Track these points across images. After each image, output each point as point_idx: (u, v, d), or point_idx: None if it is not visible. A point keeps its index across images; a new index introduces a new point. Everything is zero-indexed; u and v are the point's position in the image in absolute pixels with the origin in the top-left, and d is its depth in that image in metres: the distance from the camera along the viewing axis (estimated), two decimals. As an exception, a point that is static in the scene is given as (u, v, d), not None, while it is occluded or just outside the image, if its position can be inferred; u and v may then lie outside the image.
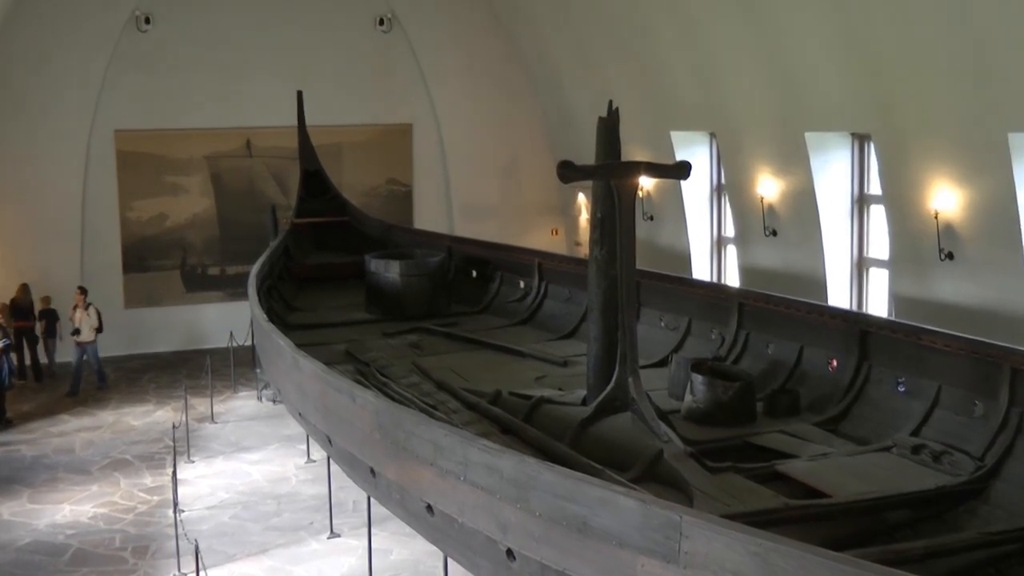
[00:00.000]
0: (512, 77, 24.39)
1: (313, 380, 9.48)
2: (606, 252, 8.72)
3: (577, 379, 10.32)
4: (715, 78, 16.63)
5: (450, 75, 24.09)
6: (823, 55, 13.84)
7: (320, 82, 22.29)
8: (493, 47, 24.26)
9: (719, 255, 19.04)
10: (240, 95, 22.67)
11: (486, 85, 24.29)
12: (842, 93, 13.87)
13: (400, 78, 23.91)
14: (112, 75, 21.99)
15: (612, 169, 8.54)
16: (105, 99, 22.01)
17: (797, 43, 14.30)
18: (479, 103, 24.28)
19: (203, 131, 22.77)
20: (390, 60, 23.85)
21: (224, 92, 22.61)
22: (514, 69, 24.34)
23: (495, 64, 24.28)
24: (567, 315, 13.55)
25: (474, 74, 24.22)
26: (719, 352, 10.73)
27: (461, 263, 16.06)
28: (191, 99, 22.47)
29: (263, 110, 22.60)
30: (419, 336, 13.28)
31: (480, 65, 24.21)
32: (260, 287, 13.68)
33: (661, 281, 12.11)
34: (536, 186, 24.68)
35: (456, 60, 24.07)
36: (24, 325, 20.52)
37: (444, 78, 24.08)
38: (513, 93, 24.44)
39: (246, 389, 19.61)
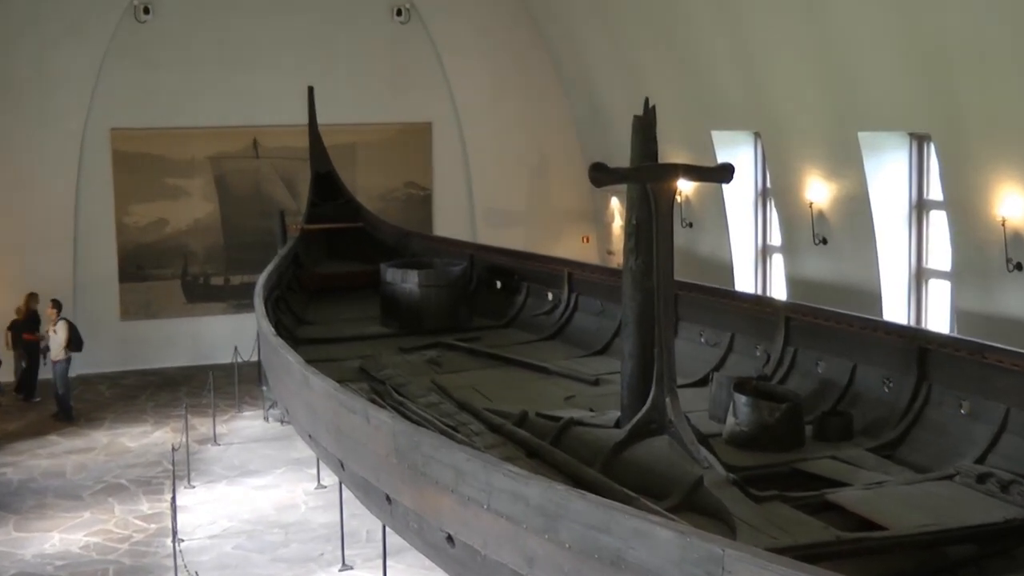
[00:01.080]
0: (540, 72, 24.43)
1: (324, 399, 9.50)
2: (642, 262, 8.71)
3: (610, 399, 10.31)
4: (761, 73, 16.61)
5: (473, 70, 24.15)
6: (879, 47, 13.80)
7: (333, 77, 22.40)
8: (520, 39, 24.30)
9: (764, 265, 18.98)
10: (246, 91, 22.79)
11: (512, 81, 24.33)
12: (900, 89, 13.82)
13: (419, 73, 23.98)
14: (108, 69, 22.16)
15: (648, 172, 8.53)
16: (100, 95, 22.18)
17: (850, 34, 14.26)
18: (504, 100, 24.32)
19: (206, 130, 22.91)
20: (408, 53, 23.93)
21: (229, 88, 22.74)
22: (543, 63, 24.37)
23: (522, 58, 24.32)
24: (599, 330, 13.53)
25: (499, 69, 24.27)
26: (764, 371, 10.69)
27: (484, 273, 16.06)
28: (193, 95, 22.61)
29: (271, 107, 22.71)
30: (439, 352, 13.29)
31: (506, 59, 24.25)
32: (267, 298, 13.74)
33: (701, 293, 12.07)
34: (566, 190, 24.69)
35: (480, 54, 24.13)
36: (33, 339, 20.63)
37: (466, 73, 24.14)
38: (541, 89, 24.47)
39: (251, 408, 19.68)
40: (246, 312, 20.73)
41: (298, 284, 16.73)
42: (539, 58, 24.36)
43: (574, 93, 24.07)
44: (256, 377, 20.00)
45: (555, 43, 23.89)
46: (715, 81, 17.93)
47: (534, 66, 24.40)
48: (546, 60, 24.37)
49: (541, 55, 24.35)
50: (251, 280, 19.49)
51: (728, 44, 17.16)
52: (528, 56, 24.34)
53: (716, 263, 19.08)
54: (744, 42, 16.70)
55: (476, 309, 15.28)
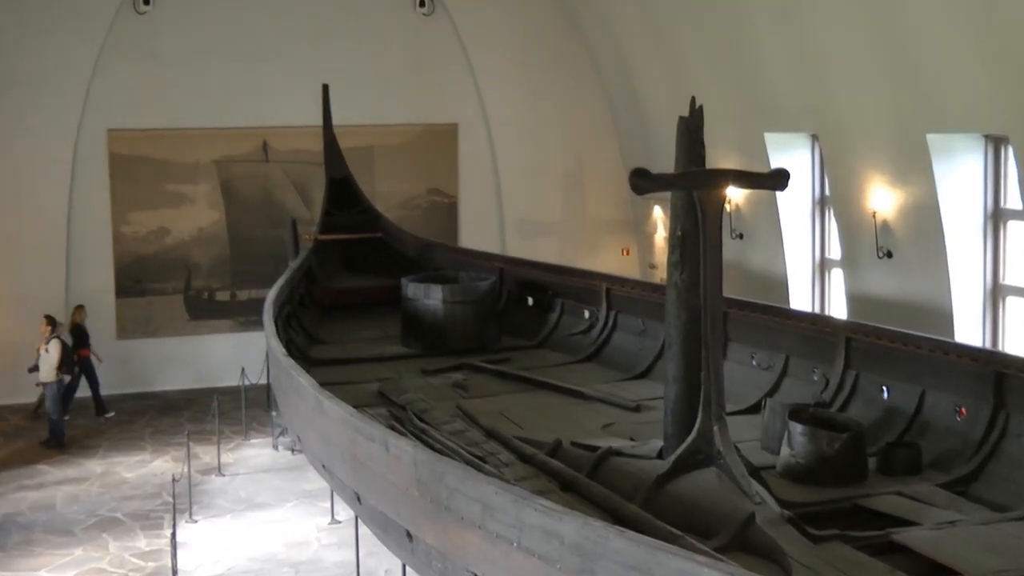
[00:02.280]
0: (577, 69, 24.46)
1: (339, 426, 9.53)
2: (687, 276, 8.71)
3: (652, 427, 10.30)
4: (819, 69, 16.58)
5: (503, 66, 24.22)
6: (951, 40, 13.75)
7: (350, 74, 22.51)
8: (554, 33, 24.36)
9: (822, 280, 18.92)
10: (255, 89, 22.93)
11: (545, 78, 24.37)
12: (974, 86, 13.76)
13: (444, 70, 24.07)
14: (104, 65, 22.32)
15: (695, 178, 8.53)
16: (96, 93, 22.35)
17: (919, 25, 14.22)
18: (537, 100, 24.37)
19: (211, 131, 23.05)
20: (432, 48, 24.02)
21: (237, 85, 22.88)
22: (579, 59, 24.42)
23: (556, 53, 24.36)
24: (640, 351, 13.53)
25: (531, 65, 24.32)
26: (822, 396, 10.65)
27: (514, 288, 16.09)
28: (197, 94, 22.76)
29: (282, 107, 22.84)
30: (465, 374, 13.31)
31: (538, 54, 24.30)
32: (277, 315, 13.79)
33: (753, 311, 12.05)
34: (604, 198, 24.70)
35: (510, 48, 24.19)
36: (87, 355, 21.09)
37: (496, 70, 24.21)
38: (577, 88, 24.51)
39: (259, 436, 19.75)
40: (254, 330, 20.81)
41: (311, 300, 16.79)
42: (575, 53, 24.40)
43: (614, 92, 24.09)
44: (264, 401, 20.05)
45: (593, 37, 23.92)
46: (768, 78, 17.91)
47: (570, 62, 24.43)
48: (583, 55, 24.40)
49: (577, 50, 24.39)
50: (260, 295, 19.60)
51: (783, 38, 17.14)
52: (563, 51, 24.39)
53: (769, 278, 19.03)
54: (801, 35, 16.68)
55: (505, 328, 15.31)
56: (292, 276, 16.09)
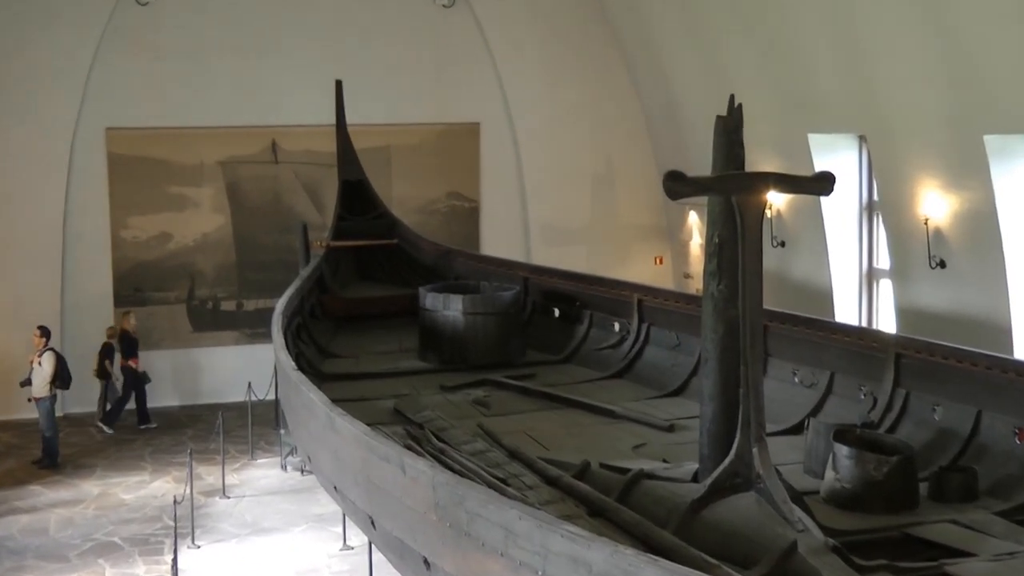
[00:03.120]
0: (607, 65, 24.49)
1: (352, 445, 9.55)
2: (725, 287, 8.71)
3: (686, 448, 10.30)
4: (867, 65, 16.56)
5: (528, 62, 24.26)
6: (1010, 34, 13.71)
7: (365, 70, 22.59)
8: (583, 27, 24.40)
9: (870, 292, 18.88)
10: (264, 85, 23.03)
11: (574, 75, 24.41)
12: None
13: (465, 65, 24.13)
14: (103, 59, 22.45)
15: (734, 182, 8.53)
16: (94, 89, 22.48)
17: (976, 21, 14.19)
18: (564, 98, 24.40)
19: (217, 130, 23.17)
20: (453, 42, 24.09)
21: (244, 82, 22.98)
22: (610, 55, 24.44)
23: (585, 48, 24.40)
24: (674, 367, 13.52)
25: (558, 61, 24.35)
26: (870, 417, 10.63)
27: (540, 299, 16.11)
28: (202, 90, 22.87)
29: (292, 104, 22.94)
30: (486, 391, 13.33)
31: (566, 50, 24.33)
32: (287, 327, 13.81)
33: (795, 325, 12.03)
34: (636, 203, 24.71)
35: (536, 43, 24.24)
36: (134, 364, 21.47)
37: (520, 66, 24.25)
38: (608, 85, 24.54)
39: (267, 455, 19.81)
40: (262, 343, 20.86)
41: (322, 311, 16.83)
42: (605, 48, 24.42)
43: (646, 89, 24.09)
44: (272, 419, 20.10)
45: (624, 31, 23.94)
46: (813, 75, 17.89)
47: (600, 58, 24.46)
48: (614, 51, 24.42)
49: (608, 44, 24.41)
50: (268, 305, 19.66)
51: (829, 32, 17.12)
52: (593, 45, 24.42)
53: (813, 289, 19.00)
54: (849, 29, 16.65)
55: (530, 341, 15.31)
56: (302, 285, 16.11)
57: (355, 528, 13.76)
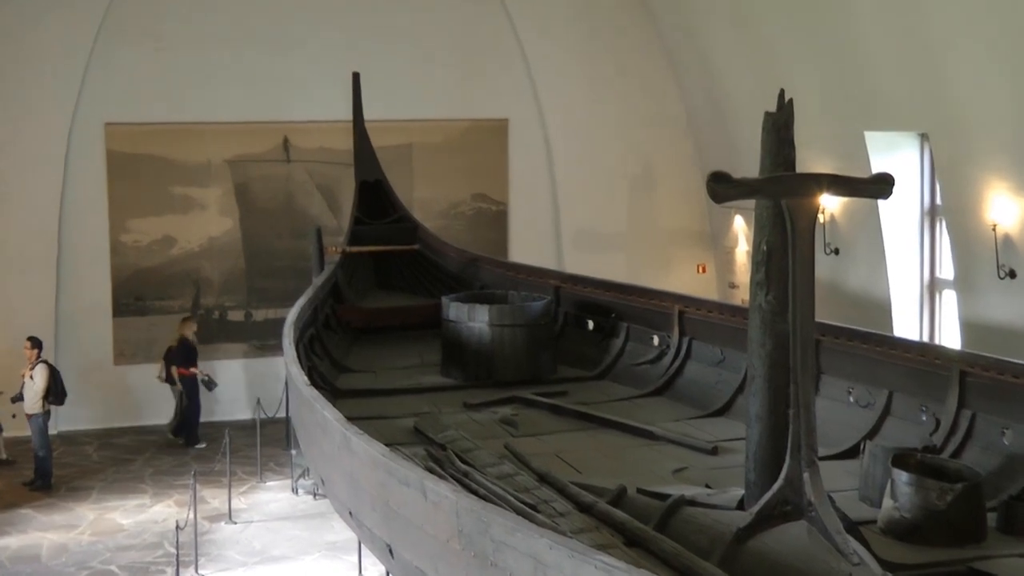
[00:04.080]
0: (646, 57, 24.49)
1: (370, 467, 9.57)
2: (774, 298, 8.70)
3: (731, 473, 10.30)
4: (930, 58, 16.52)
5: (561, 53, 24.28)
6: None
7: (384, 62, 22.63)
8: (620, 17, 24.40)
9: (932, 304, 18.82)
10: (275, 78, 23.09)
11: (610, 68, 24.41)
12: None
13: (493, 56, 24.16)
14: (102, 50, 22.51)
15: (784, 184, 8.53)
16: (93, 81, 22.56)
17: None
18: (600, 92, 24.41)
19: (224, 126, 23.27)
20: (480, 32, 24.14)
21: (253, 74, 23.05)
22: (649, 46, 24.43)
23: (623, 40, 24.40)
24: (718, 384, 13.52)
25: (594, 53, 24.36)
26: (932, 440, 10.60)
27: (573, 310, 16.12)
28: (208, 83, 22.95)
29: (306, 99, 23.01)
30: (514, 409, 13.34)
31: (602, 41, 24.35)
32: (299, 339, 13.86)
33: (850, 339, 12.01)
34: (677, 206, 24.69)
35: (569, 33, 24.26)
36: (187, 373, 21.69)
37: (552, 57, 24.27)
38: (648, 79, 24.53)
39: (277, 477, 19.85)
40: (272, 356, 20.95)
41: (338, 321, 16.88)
42: (645, 39, 24.42)
43: (689, 83, 24.09)
44: (283, 438, 20.14)
45: (666, 19, 23.94)
46: (870, 67, 17.86)
47: (638, 49, 24.45)
48: (653, 42, 24.42)
49: (647, 36, 24.41)
50: (279, 315, 19.72)
51: (889, 22, 17.08)
52: (631, 37, 24.42)
53: (869, 300, 18.95)
54: (910, 19, 16.61)
55: (561, 356, 15.34)
56: (316, 294, 16.16)
57: (372, 557, 13.78)
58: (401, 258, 18.98)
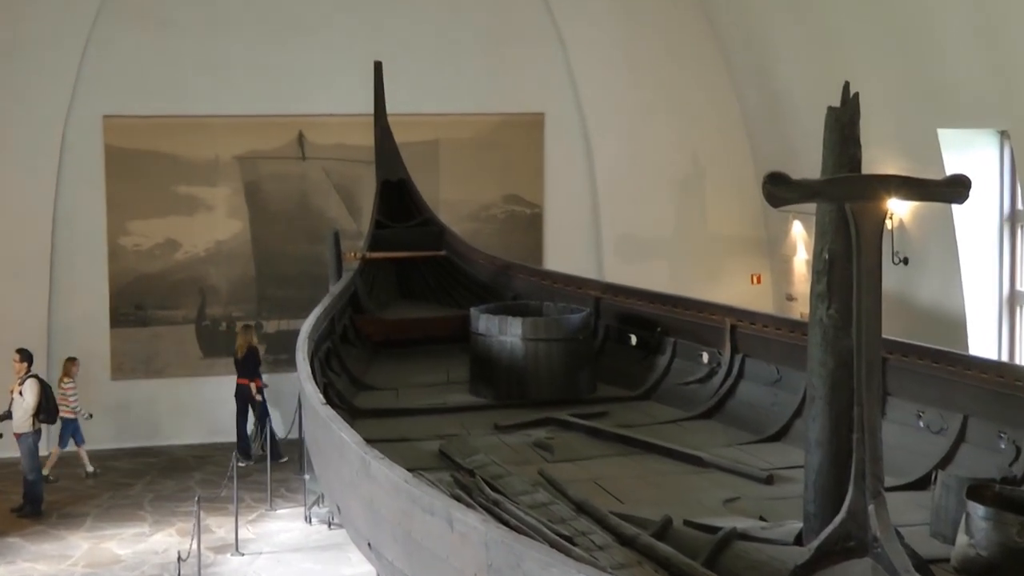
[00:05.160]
0: (697, 47, 24.46)
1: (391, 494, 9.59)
2: (836, 311, 8.70)
3: (788, 504, 10.30)
4: (1012, 49, 16.48)
5: (602, 42, 24.28)
6: None
7: (408, 50, 22.69)
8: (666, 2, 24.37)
9: (1012, 319, 18.75)
10: (290, 68, 23.16)
11: (656, 58, 24.39)
12: None
13: (528, 46, 24.16)
14: (101, 37, 22.60)
15: (848, 186, 8.51)
16: (90, 71, 22.64)
17: None
18: (644, 84, 24.40)
19: (234, 120, 23.35)
20: (513, 19, 24.17)
21: (266, 63, 23.12)
22: (700, 35, 24.42)
23: (670, 26, 24.40)
24: (774, 406, 13.49)
25: (638, 41, 24.35)
26: (1011, 470, 10.56)
27: (614, 323, 16.13)
28: (216, 73, 23.02)
29: (323, 91, 23.07)
30: (550, 432, 13.36)
31: (647, 28, 24.34)
32: (314, 353, 13.90)
33: (921, 358, 11.97)
34: (729, 210, 24.66)
35: (611, 19, 24.25)
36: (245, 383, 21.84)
37: (593, 46, 24.29)
38: (697, 70, 24.50)
39: (288, 504, 19.88)
40: (284, 371, 21.01)
41: (356, 334, 16.92)
42: (695, 27, 24.41)
43: (743, 75, 24.08)
44: (295, 461, 20.17)
45: (717, 5, 23.93)
46: (944, 59, 17.82)
47: (687, 38, 24.43)
48: (705, 30, 24.41)
49: (697, 22, 24.41)
50: (292, 327, 19.79)
51: (965, 8, 17.05)
52: (679, 23, 24.42)
53: (942, 315, 18.90)
54: (987, 3, 16.58)
55: (602, 373, 15.36)
56: (333, 304, 16.20)
57: (392, 593, 13.82)
58: (426, 265, 19.02)
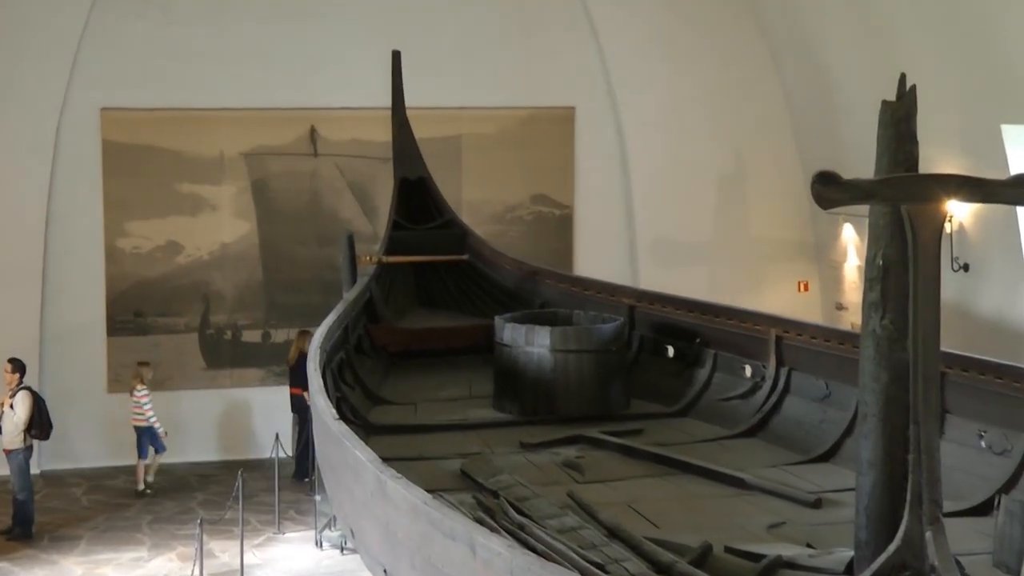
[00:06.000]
0: (739, 36, 24.46)
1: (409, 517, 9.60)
2: (891, 322, 8.68)
3: (838, 530, 10.29)
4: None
5: (638, 29, 24.29)
6: None
7: (429, 39, 22.72)
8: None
9: (1081, 331, 18.74)
10: (301, 57, 23.21)
11: (695, 48, 24.40)
12: None
13: (557, 33, 24.20)
14: (98, 24, 22.64)
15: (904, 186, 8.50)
16: (86, 60, 22.67)
17: None
18: (683, 76, 24.40)
19: (240, 113, 23.41)
20: (541, 5, 24.19)
21: (275, 53, 23.17)
22: (742, 23, 24.42)
23: (711, 14, 24.42)
24: (822, 424, 13.48)
25: (676, 29, 24.35)
26: (1080, 495, 10.55)
27: (650, 334, 16.13)
28: (222, 63, 23.05)
29: (337, 82, 23.12)
30: (580, 450, 13.38)
31: (686, 15, 24.33)
32: (327, 365, 13.92)
33: (982, 372, 11.93)
34: (774, 211, 24.66)
35: (647, 6, 24.26)
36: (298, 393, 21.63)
37: (628, 34, 24.29)
38: (740, 60, 24.49)
39: (298, 527, 19.90)
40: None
41: (372, 344, 16.94)
42: (737, 14, 24.42)
43: (790, 67, 24.07)
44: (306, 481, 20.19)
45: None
46: (1009, 50, 17.79)
47: (730, 26, 24.44)
48: (748, 18, 24.41)
49: (741, 10, 24.40)
50: (302, 337, 19.74)
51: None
52: (720, 10, 24.44)
53: (1005, 326, 18.86)
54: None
55: (636, 387, 15.37)
56: (347, 312, 16.22)
57: (409, 623, 13.83)
58: (447, 270, 19.05)
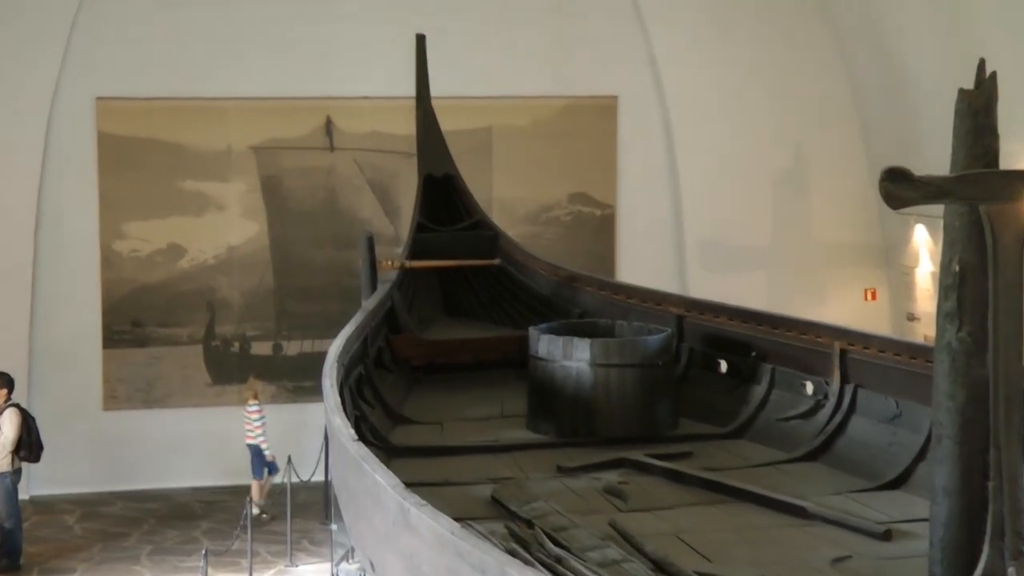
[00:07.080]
0: (799, 17, 24.49)
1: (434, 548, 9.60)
2: (968, 335, 8.65)
3: (909, 565, 10.25)
4: None
5: (687, 14, 24.30)
6: None
7: (456, 22, 22.77)
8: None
9: None
10: (315, 43, 23.29)
11: (751, 31, 24.43)
12: None
13: (598, 16, 24.21)
14: (93, 7, 22.74)
15: (983, 184, 8.48)
16: (80, 46, 22.79)
17: None
18: (737, 63, 24.40)
19: (249, 103, 23.51)
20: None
21: (288, 38, 23.25)
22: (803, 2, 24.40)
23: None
24: (891, 447, 13.43)
25: (730, 14, 24.35)
26: None
27: (700, 347, 16.10)
28: (229, 48, 23.15)
29: (356, 70, 23.19)
30: (623, 475, 13.34)
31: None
32: (344, 380, 13.92)
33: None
34: (838, 212, 24.64)
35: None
36: None
37: (676, 17, 24.31)
38: (801, 45, 24.50)
39: (312, 558, 19.95)
40: (308, 401, 21.12)
41: (393, 357, 16.95)
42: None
43: (857, 53, 24.04)
44: (320, 508, 20.24)
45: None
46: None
47: (790, 8, 24.44)
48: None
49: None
50: (317, 349, 19.93)
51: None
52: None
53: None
54: None
55: (685, 406, 15.34)
56: (366, 322, 16.21)
57: (434, 665, 13.82)
58: (476, 276, 19.05)
